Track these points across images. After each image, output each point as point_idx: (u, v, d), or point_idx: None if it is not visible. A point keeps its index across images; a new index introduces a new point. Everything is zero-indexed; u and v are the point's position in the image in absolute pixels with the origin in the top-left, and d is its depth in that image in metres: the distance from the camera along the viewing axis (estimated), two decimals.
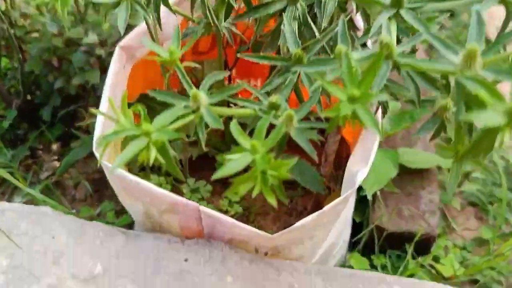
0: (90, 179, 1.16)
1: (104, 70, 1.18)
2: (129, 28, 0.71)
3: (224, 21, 0.67)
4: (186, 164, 0.84)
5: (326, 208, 0.63)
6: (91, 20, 1.07)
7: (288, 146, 0.50)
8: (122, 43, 0.75)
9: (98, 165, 0.52)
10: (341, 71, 0.36)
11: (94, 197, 1.16)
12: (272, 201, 0.41)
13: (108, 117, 0.46)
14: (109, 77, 0.70)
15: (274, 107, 0.48)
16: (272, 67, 0.66)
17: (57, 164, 1.18)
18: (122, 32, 0.54)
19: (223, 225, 0.64)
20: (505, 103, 0.25)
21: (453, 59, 0.32)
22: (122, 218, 1.13)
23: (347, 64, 0.35)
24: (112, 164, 0.43)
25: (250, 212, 0.89)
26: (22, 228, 0.65)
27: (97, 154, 0.59)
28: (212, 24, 0.69)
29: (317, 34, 0.56)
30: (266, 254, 0.69)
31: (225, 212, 0.84)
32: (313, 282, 0.65)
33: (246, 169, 0.41)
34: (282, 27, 0.55)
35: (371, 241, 0.91)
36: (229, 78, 1.02)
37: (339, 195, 0.78)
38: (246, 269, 0.64)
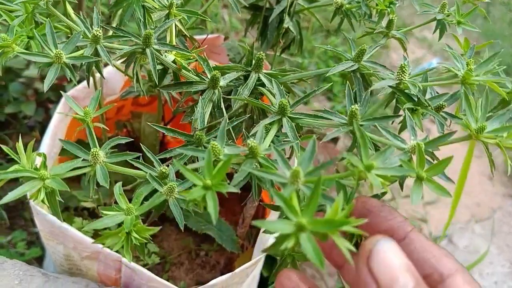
0: (5, 205, 1.15)
1: (40, 103, 1.19)
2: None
3: (161, 86, 0.70)
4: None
5: (237, 270, 0.70)
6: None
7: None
8: (69, 92, 0.79)
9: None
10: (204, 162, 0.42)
11: (6, 224, 1.15)
12: (128, 258, 0.46)
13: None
14: (51, 123, 0.74)
15: (163, 176, 0.52)
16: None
17: None
18: (45, 90, 0.54)
19: (141, 277, 0.69)
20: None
21: (285, 173, 0.42)
22: (32, 250, 1.12)
23: (208, 157, 0.42)
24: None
25: (166, 262, 0.94)
26: None
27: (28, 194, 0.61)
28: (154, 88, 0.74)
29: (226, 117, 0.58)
30: None
31: (144, 264, 0.88)
32: None
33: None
34: (195, 106, 0.59)
35: None
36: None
37: (251, 253, 0.85)
38: None
